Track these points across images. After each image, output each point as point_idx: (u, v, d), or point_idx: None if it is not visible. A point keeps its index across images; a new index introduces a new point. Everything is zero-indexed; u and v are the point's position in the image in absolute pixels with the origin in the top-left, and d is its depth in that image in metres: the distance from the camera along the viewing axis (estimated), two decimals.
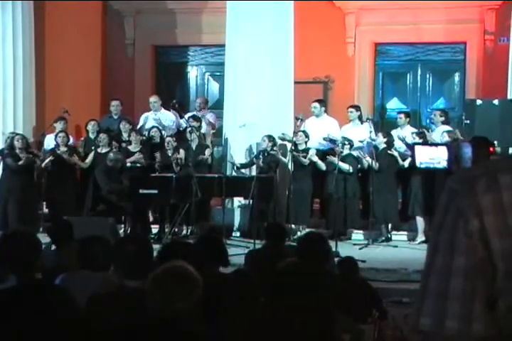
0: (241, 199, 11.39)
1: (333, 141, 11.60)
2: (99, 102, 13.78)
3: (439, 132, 11.12)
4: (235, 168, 11.54)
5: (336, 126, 11.97)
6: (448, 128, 11.30)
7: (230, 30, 11.84)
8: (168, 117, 12.70)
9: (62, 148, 11.86)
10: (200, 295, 2.92)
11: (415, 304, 1.50)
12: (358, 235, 11.26)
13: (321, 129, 11.83)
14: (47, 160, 11.66)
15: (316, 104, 12.01)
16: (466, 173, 1.50)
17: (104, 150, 11.73)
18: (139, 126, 12.56)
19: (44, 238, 5.53)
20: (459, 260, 1.44)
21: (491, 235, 1.42)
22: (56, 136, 12.00)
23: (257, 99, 11.35)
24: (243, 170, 11.55)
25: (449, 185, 1.49)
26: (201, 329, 3.05)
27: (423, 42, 13.91)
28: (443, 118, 11.52)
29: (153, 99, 12.82)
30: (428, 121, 13.14)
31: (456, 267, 1.45)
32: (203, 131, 12.15)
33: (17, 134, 11.76)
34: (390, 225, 11.23)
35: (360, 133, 11.49)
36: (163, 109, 12.77)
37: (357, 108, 12.04)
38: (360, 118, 11.78)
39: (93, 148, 11.95)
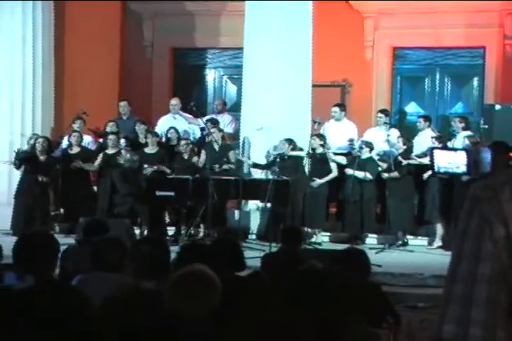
0: (257, 202, 11.36)
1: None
2: (117, 104, 13.79)
3: (461, 138, 11.02)
4: (250, 165, 11.54)
5: (354, 130, 11.97)
6: (469, 133, 11.22)
7: (248, 32, 11.83)
8: (187, 120, 12.73)
9: (76, 148, 11.90)
10: (218, 299, 2.92)
11: (439, 311, 1.49)
12: (374, 239, 11.22)
13: (340, 133, 11.82)
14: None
15: (336, 109, 12.00)
16: (489, 181, 1.49)
17: (112, 151, 11.74)
18: (157, 129, 12.54)
19: (61, 239, 5.54)
20: (485, 267, 1.43)
21: None
22: (70, 135, 12.03)
23: (275, 102, 11.33)
24: (259, 172, 11.52)
25: (472, 191, 1.48)
26: (216, 332, 3.04)
27: (442, 46, 13.85)
28: (463, 124, 11.39)
29: (174, 101, 12.84)
30: (440, 128, 12.98)
31: (481, 274, 1.43)
32: (215, 136, 11.87)
33: (40, 137, 11.80)
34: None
35: (384, 137, 11.32)
36: (181, 112, 12.79)
37: (386, 113, 11.99)
38: (387, 123, 11.68)
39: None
